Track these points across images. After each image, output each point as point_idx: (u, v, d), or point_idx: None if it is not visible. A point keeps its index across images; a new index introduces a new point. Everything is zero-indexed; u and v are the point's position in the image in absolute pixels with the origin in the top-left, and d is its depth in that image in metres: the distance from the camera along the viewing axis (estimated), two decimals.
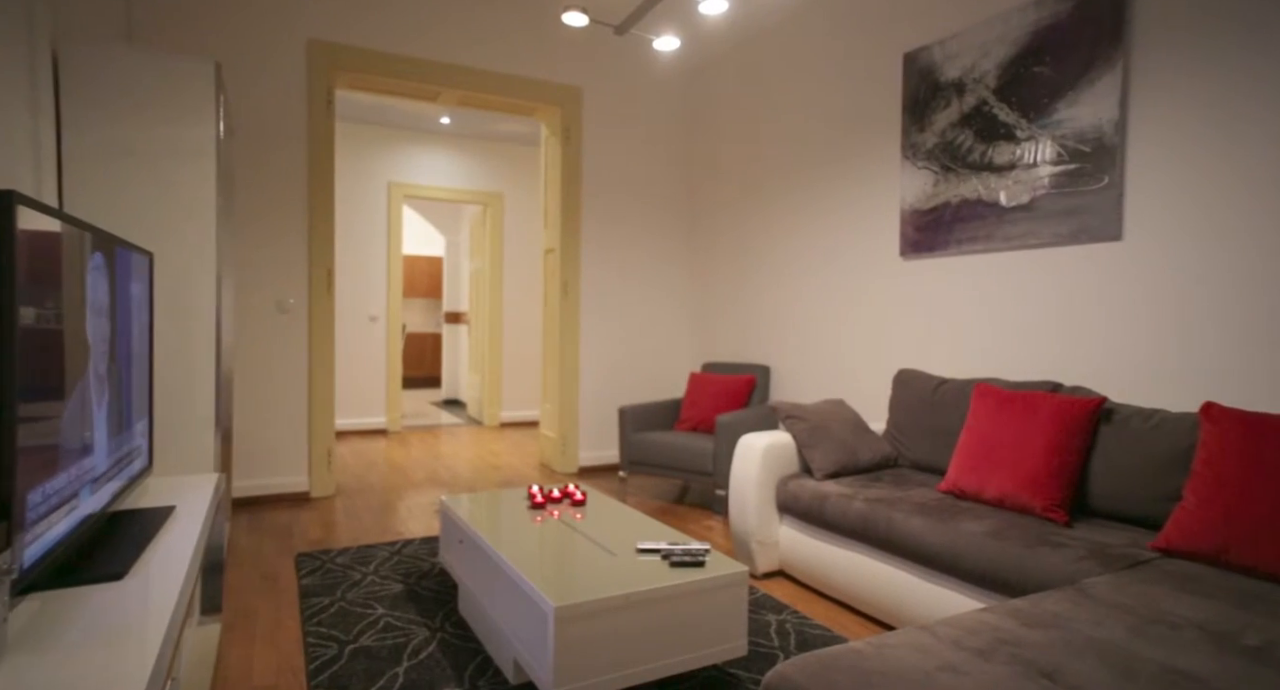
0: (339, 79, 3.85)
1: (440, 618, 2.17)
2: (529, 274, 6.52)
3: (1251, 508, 1.60)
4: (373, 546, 2.86)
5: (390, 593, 2.37)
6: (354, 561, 2.67)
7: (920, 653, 1.19)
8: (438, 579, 2.50)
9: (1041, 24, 2.54)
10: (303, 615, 2.18)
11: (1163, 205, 2.23)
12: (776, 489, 2.59)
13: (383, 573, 2.56)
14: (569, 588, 1.58)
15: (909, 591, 2.07)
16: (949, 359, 2.94)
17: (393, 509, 3.50)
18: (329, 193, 3.70)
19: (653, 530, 2.03)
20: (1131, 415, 2.05)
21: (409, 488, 3.96)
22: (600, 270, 4.50)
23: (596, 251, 4.48)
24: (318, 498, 3.69)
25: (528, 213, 6.53)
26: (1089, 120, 2.40)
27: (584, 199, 4.43)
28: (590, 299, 4.47)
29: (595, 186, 4.46)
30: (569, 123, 4.34)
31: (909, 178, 3.08)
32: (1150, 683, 1.09)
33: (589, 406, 4.48)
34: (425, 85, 3.96)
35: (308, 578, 2.49)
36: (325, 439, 3.72)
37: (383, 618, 2.16)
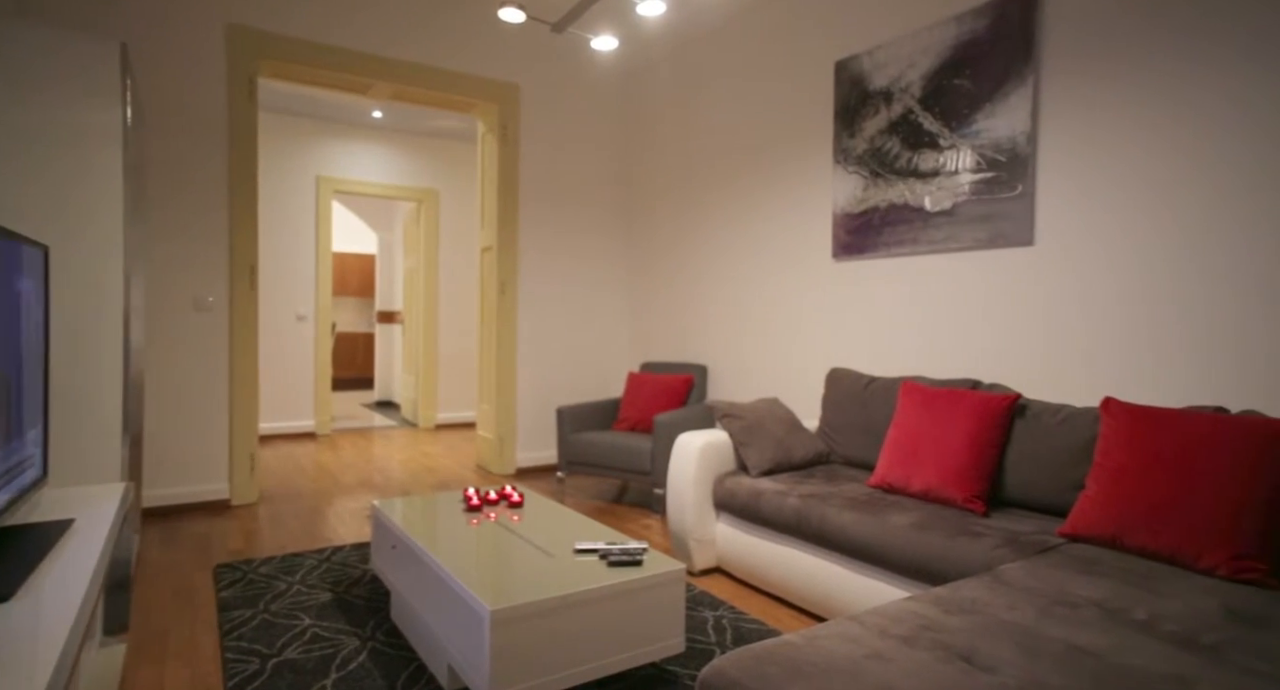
0: (262, 67, 3.67)
1: (371, 626, 2.10)
2: (465, 273, 6.40)
3: (1142, 494, 1.72)
4: (299, 555, 2.74)
5: (318, 602, 2.28)
6: (279, 571, 2.55)
7: (849, 642, 1.23)
8: (369, 586, 2.42)
9: (961, 39, 2.67)
10: (221, 630, 2.07)
11: (1069, 212, 2.37)
12: (713, 487, 2.63)
13: (310, 582, 2.46)
14: (505, 590, 1.56)
15: (840, 584, 2.13)
16: (878, 358, 3.05)
17: (321, 515, 3.37)
18: (252, 186, 3.53)
19: (591, 530, 2.02)
20: (1042, 411, 2.18)
21: (339, 492, 3.82)
22: (538, 269, 4.45)
23: (534, 250, 4.43)
24: (239, 505, 3.51)
25: (464, 210, 6.40)
26: (1004, 131, 2.53)
27: (522, 197, 4.37)
28: (528, 298, 4.42)
29: (533, 185, 4.41)
30: (506, 120, 4.28)
31: (840, 182, 3.18)
32: (1053, 659, 1.16)
33: (526, 407, 4.43)
34: (355, 77, 3.82)
35: (227, 590, 2.37)
36: (248, 443, 3.54)
37: (309, 628, 2.08)
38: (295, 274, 5.67)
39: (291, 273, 5.66)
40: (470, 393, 6.48)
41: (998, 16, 2.55)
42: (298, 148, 5.66)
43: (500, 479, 4.24)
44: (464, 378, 6.43)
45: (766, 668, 1.14)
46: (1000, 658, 1.17)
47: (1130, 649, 1.21)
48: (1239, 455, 1.62)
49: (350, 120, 5.80)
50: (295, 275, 5.67)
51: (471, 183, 6.44)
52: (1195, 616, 1.35)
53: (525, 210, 4.39)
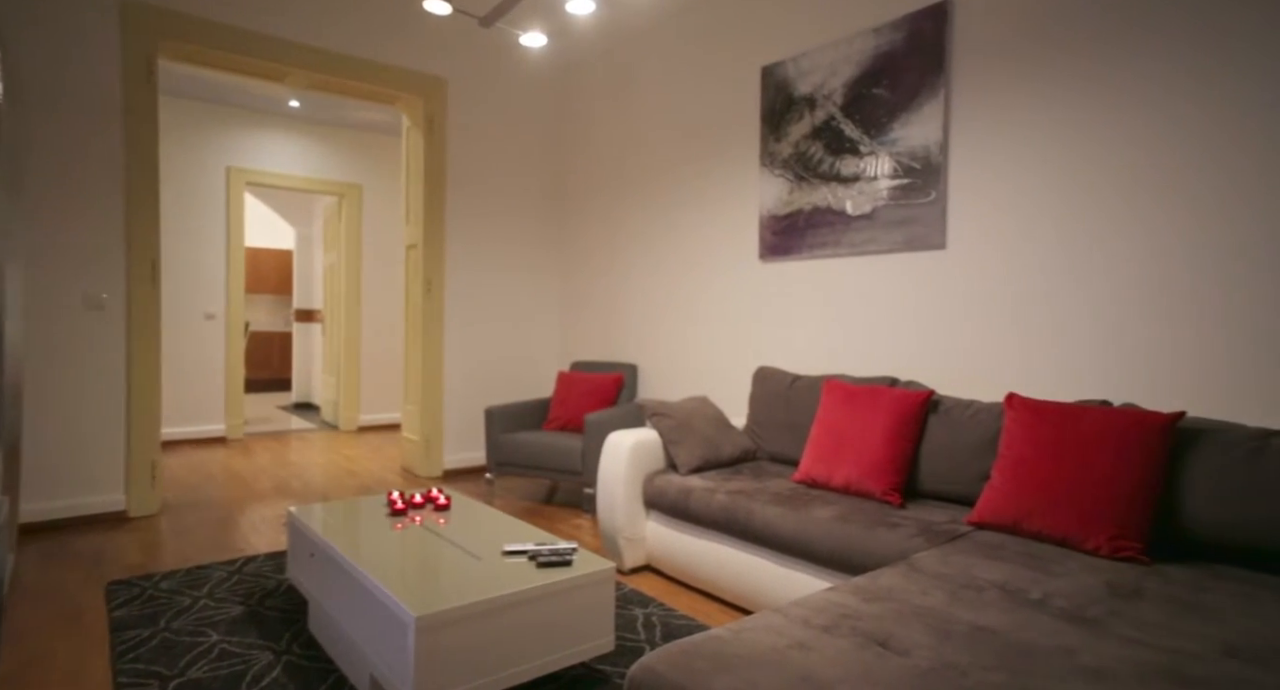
0: (163, 48, 3.44)
1: (287, 639, 2.00)
2: (389, 270, 6.20)
3: (1039, 483, 1.85)
4: (206, 567, 2.58)
5: (227, 616, 2.15)
6: (182, 585, 2.40)
7: (774, 634, 1.26)
8: (285, 597, 2.31)
9: (880, 50, 2.79)
10: (113, 652, 1.92)
11: (977, 218, 2.52)
12: (643, 485, 2.64)
13: (219, 595, 2.32)
14: (431, 596, 1.52)
15: (767, 577, 2.19)
16: (803, 356, 3.14)
17: (232, 524, 3.18)
18: (152, 174, 3.30)
19: (520, 532, 1.99)
20: (953, 406, 2.30)
21: (252, 500, 3.62)
22: (466, 267, 4.36)
23: (462, 248, 4.34)
24: (138, 517, 3.28)
25: (388, 206, 6.19)
26: (919, 140, 2.66)
27: (449, 193, 4.27)
28: (455, 297, 4.32)
29: (461, 181, 4.32)
30: (432, 114, 4.17)
31: (767, 184, 3.26)
32: (961, 640, 1.23)
33: (454, 408, 4.33)
34: (269, 64, 3.64)
35: (121, 609, 2.20)
36: (148, 450, 3.31)
37: (217, 645, 1.96)
38: (204, 270, 5.34)
39: (200, 268, 5.32)
40: (395, 393, 6.27)
41: (913, 31, 2.67)
42: (207, 136, 5.34)
43: (427, 482, 4.12)
44: (388, 378, 6.23)
45: (694, 662, 1.16)
46: (914, 641, 1.23)
47: (1027, 626, 1.29)
48: (1119, 445, 1.77)
49: (265, 109, 5.51)
50: (204, 271, 5.34)
51: (396, 177, 6.24)
52: (1081, 593, 1.45)
53: (453, 207, 4.29)
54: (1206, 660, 1.17)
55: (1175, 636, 1.26)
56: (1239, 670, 1.14)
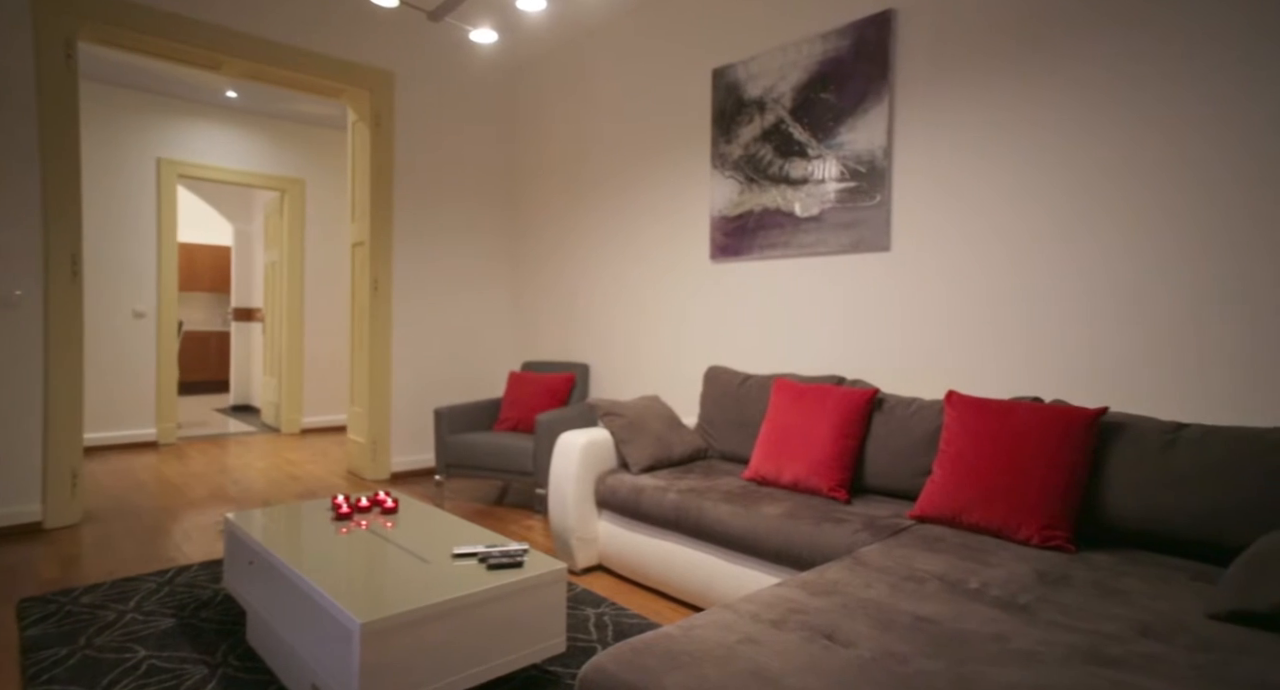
0: (83, 29, 3.25)
1: (223, 651, 1.92)
2: (334, 268, 6.02)
3: (977, 476, 1.92)
4: (134, 579, 2.46)
5: (157, 630, 2.05)
6: (106, 600, 2.27)
7: (724, 630, 1.28)
8: (221, 608, 2.22)
9: (827, 56, 2.85)
10: (25, 675, 1.79)
11: (919, 221, 2.60)
12: (595, 485, 2.64)
13: (147, 608, 2.21)
14: (377, 601, 1.48)
15: (718, 574, 2.21)
16: (753, 355, 3.19)
17: (163, 533, 3.04)
18: (72, 164, 3.12)
19: (470, 534, 1.97)
20: (897, 404, 2.37)
21: (186, 507, 3.46)
22: (414, 266, 4.27)
23: (410, 246, 4.25)
24: (55, 528, 3.10)
25: (333, 202, 6.02)
26: (865, 145, 2.73)
27: (397, 191, 4.18)
28: (403, 295, 4.23)
29: (410, 178, 4.23)
30: (380, 109, 4.07)
31: (718, 186, 3.30)
32: (902, 630, 1.27)
33: (402, 409, 4.24)
34: (201, 51, 3.48)
35: (35, 627, 2.06)
36: (68, 457, 3.13)
37: (146, 661, 1.87)
38: (133, 266, 5.08)
39: (128, 264, 5.06)
40: (340, 395, 6.10)
41: (858, 38, 2.74)
42: (135, 125, 5.07)
43: (374, 485, 4.02)
44: (332, 379, 6.05)
45: (645, 660, 1.17)
46: (858, 633, 1.26)
47: (964, 615, 1.35)
48: (1048, 439, 1.85)
49: (200, 99, 5.27)
50: (133, 267, 5.08)
51: (341, 173, 6.06)
52: (1014, 581, 1.52)
53: (401, 204, 4.20)
54: (1122, 640, 1.24)
55: (1096, 619, 1.33)
56: (1149, 648, 1.21)
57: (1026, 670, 1.13)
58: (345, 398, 6.15)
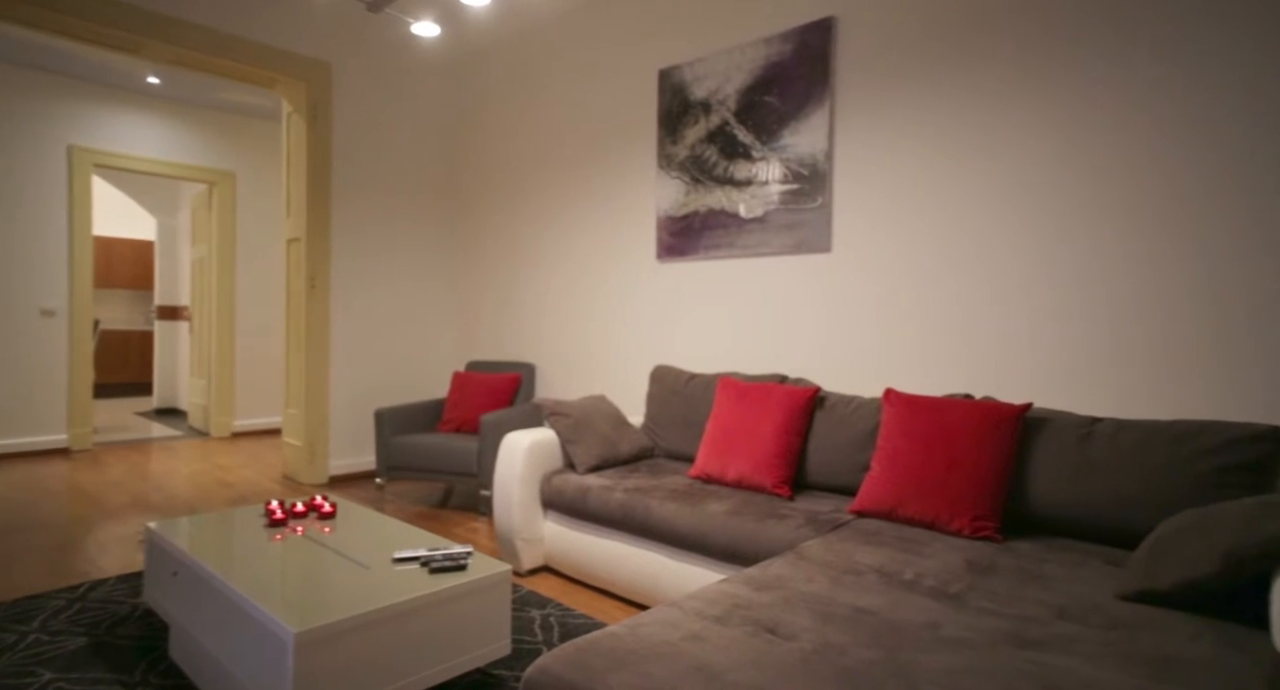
0: None
1: (143, 669, 1.82)
2: (268, 264, 5.78)
3: (913, 471, 2.00)
4: (40, 597, 2.30)
5: (65, 650, 1.92)
6: (5, 621, 2.10)
7: (669, 627, 1.29)
8: (141, 623, 2.10)
9: (771, 60, 2.90)
10: None
11: (858, 224, 2.68)
12: (541, 485, 2.62)
13: (54, 628, 2.07)
14: (313, 609, 1.43)
15: (664, 572, 2.23)
16: (699, 355, 3.22)
17: (74, 546, 2.86)
18: None
19: (412, 537, 1.92)
20: (838, 402, 2.44)
21: (101, 517, 3.27)
22: (354, 263, 4.15)
23: (350, 243, 4.12)
24: None
25: (265, 196, 5.78)
26: (807, 148, 2.80)
27: (335, 185, 4.04)
28: (342, 293, 4.10)
29: (348, 172, 4.10)
30: (317, 100, 3.93)
31: (664, 186, 3.32)
32: (842, 621, 1.31)
33: (341, 410, 4.11)
34: (117, 32, 3.28)
35: None
36: None
37: (51, 684, 1.74)
38: (40, 260, 4.75)
39: (34, 259, 4.73)
40: (274, 396, 5.87)
41: (801, 43, 2.80)
42: (43, 110, 4.75)
43: (311, 489, 3.88)
44: (266, 380, 5.81)
45: (589, 660, 1.17)
46: (800, 626, 1.29)
47: (900, 605, 1.40)
48: (978, 434, 1.94)
49: (118, 84, 4.98)
50: (40, 262, 4.75)
51: (275, 166, 5.83)
52: (946, 571, 1.59)
53: (340, 199, 4.06)
54: (1042, 623, 1.31)
55: (1020, 604, 1.40)
56: (1066, 629, 1.29)
57: (957, 656, 1.18)
58: (280, 399, 5.92)
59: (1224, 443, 1.68)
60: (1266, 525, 1.30)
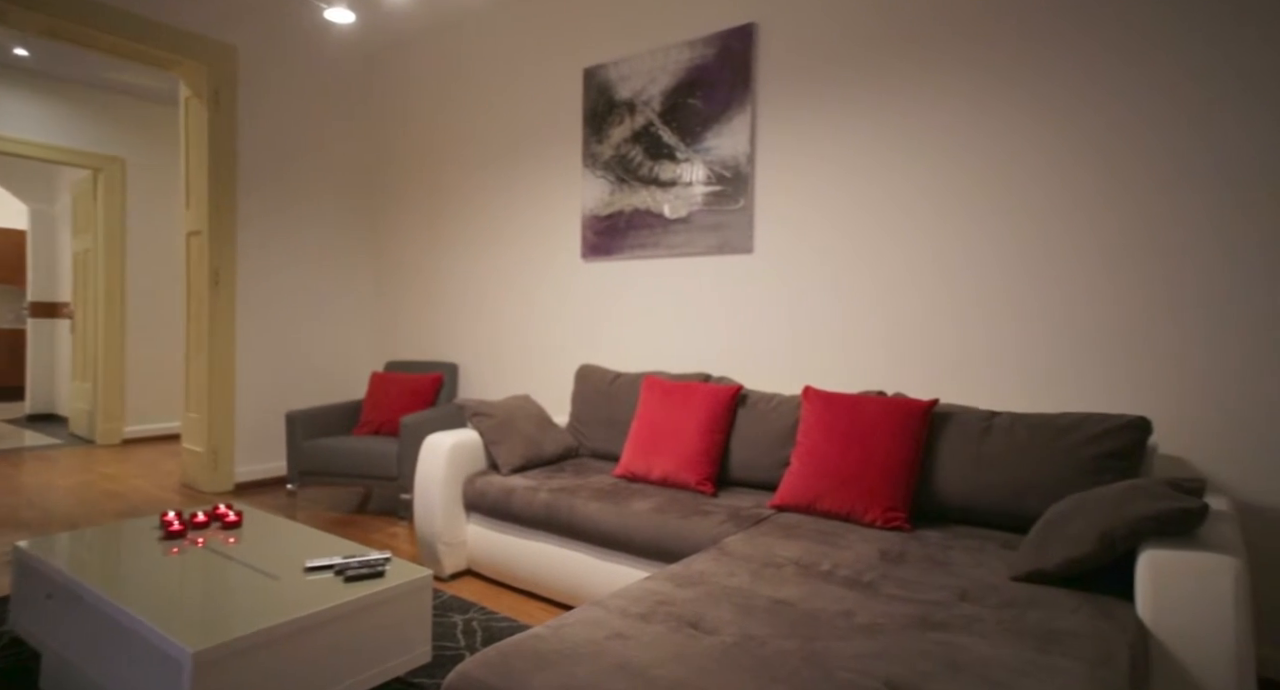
0: None
1: None
2: (163, 258, 5.39)
3: (830, 466, 2.08)
4: None
5: None
6: None
7: (593, 626, 1.29)
8: (6, 654, 1.91)
9: (694, 63, 2.95)
10: None
11: (779, 226, 2.76)
12: (464, 487, 2.56)
13: None
14: (213, 626, 1.34)
15: (589, 572, 2.22)
16: (624, 354, 3.24)
17: None
18: None
19: (326, 545, 1.84)
20: (759, 399, 2.50)
21: None
22: (262, 258, 3.92)
23: (257, 236, 3.89)
24: None
25: (160, 185, 5.38)
26: (730, 151, 2.86)
27: (242, 176, 3.81)
28: (250, 290, 3.87)
29: (256, 162, 3.87)
30: (219, 85, 3.69)
31: (589, 185, 3.31)
32: (762, 613, 1.35)
33: (248, 413, 3.88)
34: None
35: None
36: None
37: None
38: None
39: None
40: (171, 400, 5.47)
41: (723, 48, 2.86)
42: None
43: (214, 498, 3.65)
44: (162, 382, 5.41)
45: (512, 663, 1.15)
46: (722, 620, 1.32)
47: (817, 595, 1.45)
48: (890, 429, 2.04)
49: None
50: None
51: (172, 153, 5.43)
52: (860, 561, 1.66)
53: (246, 192, 3.83)
54: (946, 606, 1.40)
55: (926, 590, 1.48)
56: (967, 610, 1.37)
57: (869, 641, 1.24)
58: (178, 402, 5.53)
59: (1101, 432, 1.83)
60: (1134, 507, 1.43)
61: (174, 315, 5.46)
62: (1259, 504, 1.89)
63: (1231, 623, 1.25)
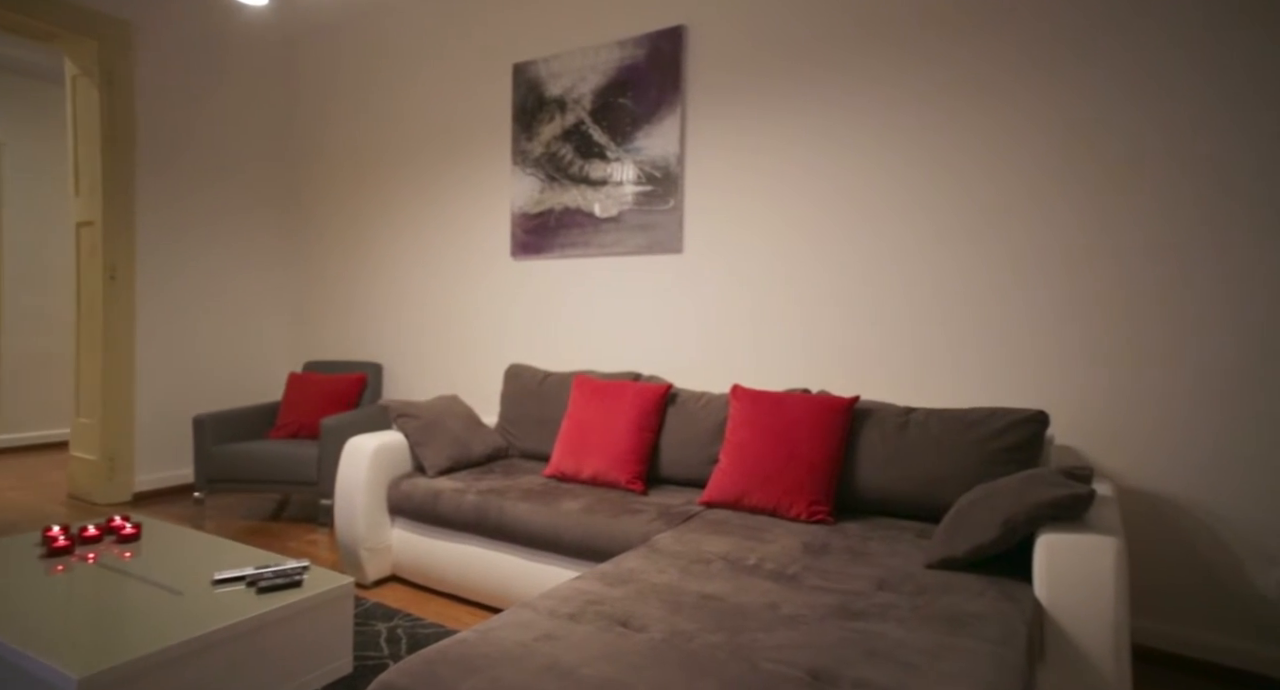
0: None
1: None
2: (46, 250, 4.96)
3: (757, 462, 2.13)
4: None
5: None
6: None
7: (522, 628, 1.27)
8: None
9: (625, 63, 2.95)
10: None
11: (708, 226, 2.80)
12: (388, 491, 2.48)
13: None
14: (105, 649, 1.25)
15: (519, 573, 2.19)
16: (555, 353, 3.21)
17: None
18: None
19: (237, 555, 1.74)
20: (688, 398, 2.53)
21: None
22: (166, 252, 3.67)
23: (160, 229, 3.64)
24: None
25: (43, 169, 4.95)
26: (660, 151, 2.88)
27: (141, 163, 3.55)
28: (151, 286, 3.62)
29: (159, 150, 3.62)
30: (112, 64, 3.43)
31: (519, 182, 3.26)
32: (690, 608, 1.37)
33: (150, 418, 3.62)
34: None
35: None
36: None
37: None
38: None
39: None
40: (57, 404, 5.05)
41: (654, 49, 2.88)
42: None
43: (108, 509, 3.39)
44: (45, 385, 4.99)
45: (437, 670, 1.12)
46: (651, 617, 1.33)
47: (744, 589, 1.48)
48: (814, 425, 2.11)
49: None
50: None
51: (56, 135, 5.01)
52: (785, 555, 1.71)
53: (147, 180, 3.57)
54: (865, 595, 1.46)
55: (847, 580, 1.54)
56: (885, 599, 1.44)
57: (793, 632, 1.27)
58: (66, 407, 5.11)
59: (1005, 426, 1.95)
60: (1032, 495, 1.53)
61: (62, 312, 5.04)
62: (1136, 488, 2.07)
63: (1112, 596, 1.36)
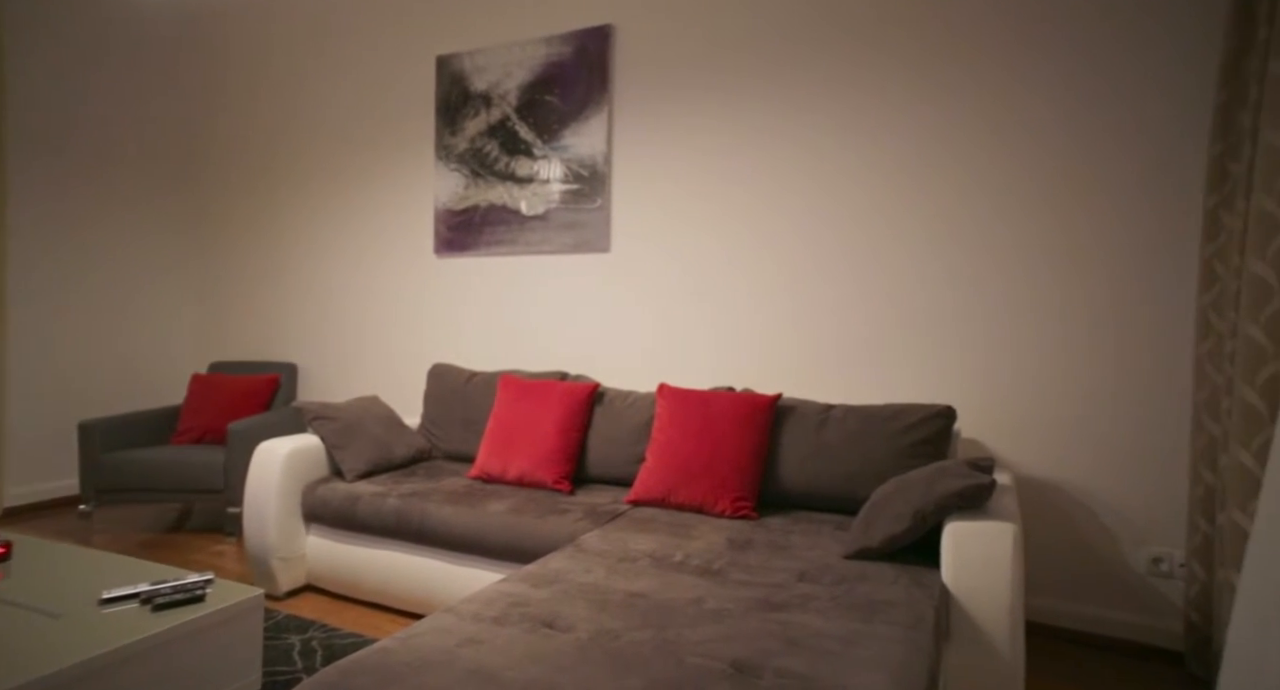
0: None
1: None
2: None
3: (682, 460, 2.15)
4: None
5: None
6: None
7: (444, 634, 1.24)
8: None
9: (551, 60, 2.93)
10: None
11: (635, 226, 2.82)
12: (303, 497, 2.37)
13: None
14: None
15: (443, 578, 2.14)
16: (480, 352, 3.15)
17: None
18: None
19: (130, 571, 1.62)
20: (615, 397, 2.54)
21: None
22: (45, 241, 3.37)
23: (35, 216, 3.34)
24: None
25: None
26: (587, 150, 2.87)
27: (11, 146, 3.24)
28: (25, 280, 3.31)
29: (32, 133, 3.31)
30: None
31: (442, 178, 3.18)
32: (616, 607, 1.37)
33: (25, 424, 3.32)
34: None
35: None
36: None
37: None
38: None
39: None
40: None
41: (580, 48, 2.86)
42: None
43: None
44: None
45: (354, 681, 1.08)
46: (577, 617, 1.32)
47: (670, 586, 1.50)
48: (738, 423, 2.15)
49: None
50: None
51: None
52: (710, 550, 1.74)
53: (19, 166, 3.27)
54: (787, 587, 1.50)
55: (770, 573, 1.58)
56: (805, 590, 1.49)
57: (718, 626, 1.30)
58: None
59: (916, 421, 2.06)
60: (940, 486, 1.62)
61: None
62: (1033, 477, 2.22)
63: (1008, 577, 1.46)
